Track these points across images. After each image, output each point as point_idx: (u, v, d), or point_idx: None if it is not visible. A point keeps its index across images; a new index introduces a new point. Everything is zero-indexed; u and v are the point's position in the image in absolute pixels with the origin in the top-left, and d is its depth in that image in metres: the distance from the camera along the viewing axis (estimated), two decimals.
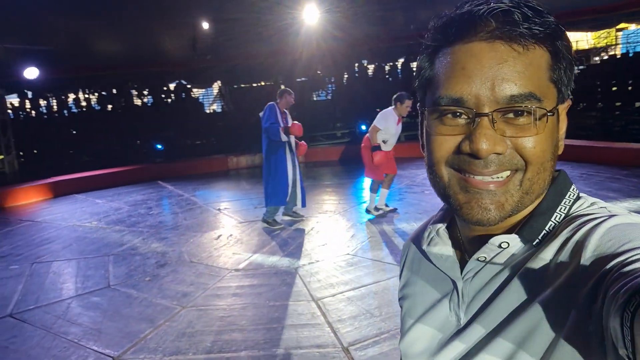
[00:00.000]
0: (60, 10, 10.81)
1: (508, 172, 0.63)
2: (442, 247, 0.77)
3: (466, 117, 0.63)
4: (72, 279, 5.20)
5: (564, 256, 0.60)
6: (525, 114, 0.61)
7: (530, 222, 0.67)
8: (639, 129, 11.09)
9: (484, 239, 0.69)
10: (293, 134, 6.35)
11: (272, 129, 6.19)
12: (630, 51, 17.13)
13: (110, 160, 12.13)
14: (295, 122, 6.40)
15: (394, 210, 6.85)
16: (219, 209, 8.08)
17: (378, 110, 14.71)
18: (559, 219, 0.67)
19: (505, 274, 0.67)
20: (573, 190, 0.70)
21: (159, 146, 12.27)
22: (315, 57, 16.73)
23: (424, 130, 0.70)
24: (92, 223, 7.70)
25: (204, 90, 21.64)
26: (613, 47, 20.51)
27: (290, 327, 3.80)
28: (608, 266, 0.52)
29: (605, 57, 18.51)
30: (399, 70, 18.30)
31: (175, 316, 4.11)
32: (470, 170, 0.63)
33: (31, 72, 10.99)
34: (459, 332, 0.71)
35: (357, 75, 18.26)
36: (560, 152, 0.68)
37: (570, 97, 0.68)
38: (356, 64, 18.48)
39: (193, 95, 18.40)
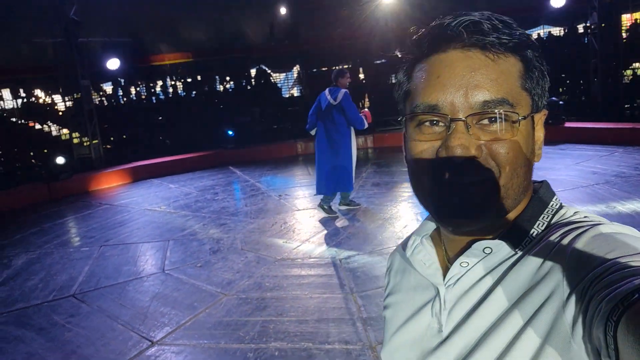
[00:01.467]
0: (145, 1, 11.41)
1: (482, 179, 0.64)
2: (426, 254, 0.78)
3: (442, 123, 0.65)
4: (132, 262, 5.52)
5: (547, 264, 0.61)
6: (499, 120, 0.63)
7: (513, 229, 0.68)
8: None
9: (467, 246, 0.70)
10: (368, 122, 6.49)
11: (359, 118, 6.31)
12: None
13: (189, 145, 12.68)
14: (366, 109, 6.54)
15: None
16: (280, 196, 8.20)
17: None
18: (542, 227, 0.68)
19: (488, 280, 0.68)
20: (555, 200, 0.72)
21: (230, 132, 12.62)
22: (394, 38, 16.42)
23: (404, 140, 0.72)
24: (162, 207, 8.11)
25: (283, 75, 22.01)
26: None
27: (323, 320, 3.80)
28: (592, 274, 0.53)
29: None
30: None
31: (217, 303, 4.25)
32: (450, 176, 0.65)
33: (113, 63, 11.69)
34: (442, 341, 0.71)
35: None
36: (537, 160, 0.70)
37: (546, 107, 0.71)
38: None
39: (273, 80, 18.73)
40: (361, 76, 18.35)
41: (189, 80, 16.99)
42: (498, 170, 0.64)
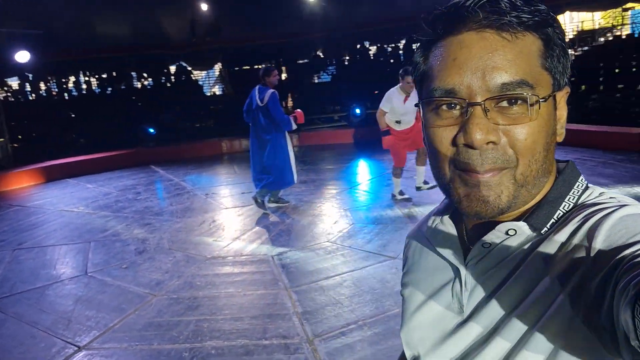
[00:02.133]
0: None
1: (503, 164, 0.63)
2: (446, 235, 0.77)
3: (460, 107, 0.63)
4: (50, 265, 5.19)
5: (572, 246, 0.60)
6: (518, 102, 0.61)
7: (538, 211, 0.67)
8: (639, 113, 10.91)
9: (489, 227, 0.69)
10: (300, 122, 6.45)
11: (286, 120, 6.24)
12: (636, 31, 16.79)
13: (106, 144, 12.10)
14: (298, 110, 6.50)
15: (408, 199, 6.65)
16: (206, 194, 8.04)
17: (376, 92, 14.57)
18: (568, 208, 0.67)
19: (511, 262, 0.66)
20: (582, 180, 0.70)
21: (151, 130, 12.20)
22: (317, 38, 16.55)
23: (422, 125, 0.71)
24: (79, 208, 7.69)
25: (204, 72, 21.55)
26: (619, 27, 20.18)
27: (259, 317, 3.77)
28: (618, 257, 0.52)
29: (610, 38, 18.15)
30: (400, 52, 18.09)
31: (146, 305, 4.10)
32: (468, 167, 0.63)
33: (22, 56, 10.92)
34: (463, 322, 0.70)
35: (358, 57, 18.06)
36: (560, 139, 0.68)
37: (568, 84, 0.68)
38: (357, 45, 18.28)
39: (194, 78, 18.29)
40: (284, 76, 18.39)
41: (104, 76, 16.23)
42: (516, 157, 0.63)
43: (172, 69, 17.97)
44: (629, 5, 21.43)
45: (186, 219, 6.62)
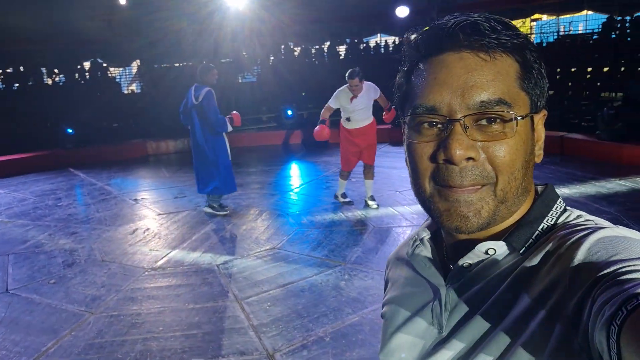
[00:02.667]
0: None
1: (482, 181, 0.64)
2: (426, 255, 0.78)
3: (440, 125, 0.65)
4: None
5: (550, 267, 0.60)
6: (497, 120, 0.63)
7: (517, 231, 0.68)
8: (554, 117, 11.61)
9: (469, 247, 0.69)
10: (236, 125, 6.19)
11: (220, 120, 5.95)
12: (544, 41, 17.96)
13: (15, 145, 11.10)
14: (235, 112, 6.24)
15: (350, 203, 6.56)
16: (136, 200, 7.58)
17: (303, 94, 14.51)
18: (546, 229, 0.68)
19: (491, 282, 0.67)
20: (560, 202, 0.72)
21: (70, 130, 11.36)
22: (241, 37, 16.22)
23: (404, 142, 0.72)
24: None
25: (121, 69, 20.50)
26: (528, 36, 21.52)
27: (211, 332, 3.54)
28: (595, 278, 0.53)
29: None
30: (325, 54, 18.15)
31: (83, 324, 3.73)
32: (448, 183, 0.65)
33: None
34: (441, 342, 0.71)
35: (283, 57, 17.92)
36: (538, 160, 0.71)
37: (545, 107, 0.71)
38: (282, 46, 18.15)
39: (110, 75, 17.33)
40: None
41: (9, 70, 14.97)
42: (495, 174, 0.64)
43: (87, 65, 16.97)
44: (536, 16, 22.98)
45: (117, 226, 6.18)
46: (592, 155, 8.46)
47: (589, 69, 13.41)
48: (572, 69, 13.43)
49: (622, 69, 12.34)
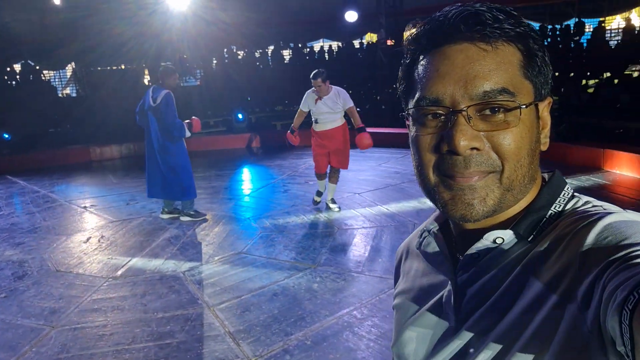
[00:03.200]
0: None
1: (487, 170, 0.64)
2: (435, 247, 0.79)
3: (444, 116, 0.65)
4: None
5: (560, 253, 0.60)
6: (500, 109, 0.63)
7: (524, 219, 0.68)
8: None
9: (477, 237, 0.69)
10: (195, 130, 6.06)
11: (178, 125, 5.75)
12: None
13: None
14: (195, 117, 6.09)
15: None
16: (85, 207, 7.22)
17: (249, 99, 14.40)
18: (553, 216, 0.68)
19: (500, 270, 0.67)
20: (567, 189, 0.71)
21: (6, 135, 10.69)
22: (183, 40, 15.86)
23: (409, 135, 0.72)
24: None
25: (54, 72, 19.58)
26: None
27: (187, 341, 3.41)
28: (605, 263, 0.53)
29: None
30: (269, 58, 18.07)
31: (44, 339, 3.50)
32: (453, 174, 0.65)
33: None
34: (452, 332, 0.71)
35: (226, 61, 17.67)
36: (544, 148, 0.71)
37: (550, 95, 0.70)
38: (225, 50, 17.92)
39: (44, 78, 16.50)
40: (147, 78, 17.39)
41: None
42: (501, 162, 0.64)
43: (17, 67, 16.10)
44: None
45: (68, 235, 5.85)
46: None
47: None
48: None
49: (557, 73, 13.01)
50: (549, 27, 18.53)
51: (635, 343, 0.45)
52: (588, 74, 13.12)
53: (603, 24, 17.50)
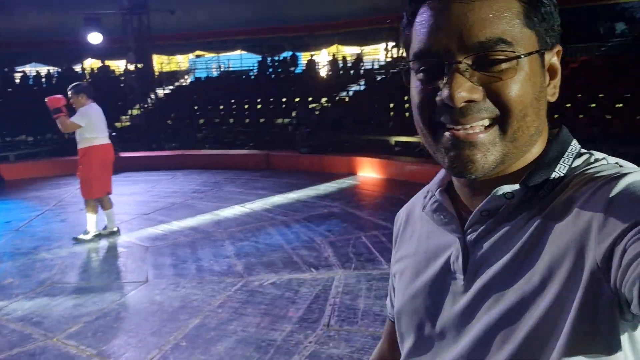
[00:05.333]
0: None
1: (487, 121, 0.63)
2: (441, 206, 0.76)
3: (440, 69, 0.63)
4: None
5: (578, 212, 0.59)
6: (497, 59, 0.61)
7: (534, 174, 0.66)
8: (244, 139, 13.16)
9: (485, 193, 0.67)
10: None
11: None
12: (202, 77, 20.26)
13: None
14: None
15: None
16: None
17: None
18: (564, 170, 0.66)
19: (510, 227, 0.65)
20: (574, 144, 0.69)
21: None
22: None
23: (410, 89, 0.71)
24: None
25: None
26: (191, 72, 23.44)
27: None
28: (626, 227, 0.52)
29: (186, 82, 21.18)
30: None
31: None
32: (451, 121, 0.63)
33: None
34: (462, 290, 0.70)
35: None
36: (553, 99, 0.69)
37: (559, 43, 0.69)
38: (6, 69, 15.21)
39: None
40: None
41: None
42: (502, 113, 0.62)
43: None
44: (198, 52, 24.90)
45: None
46: (297, 167, 10.17)
47: (259, 100, 15.62)
48: (232, 101, 15.55)
49: (297, 99, 14.85)
50: (269, 58, 20.85)
51: None
52: (310, 99, 15.20)
53: (312, 57, 20.54)
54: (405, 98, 12.73)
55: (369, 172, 9.36)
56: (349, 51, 21.19)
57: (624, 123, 8.45)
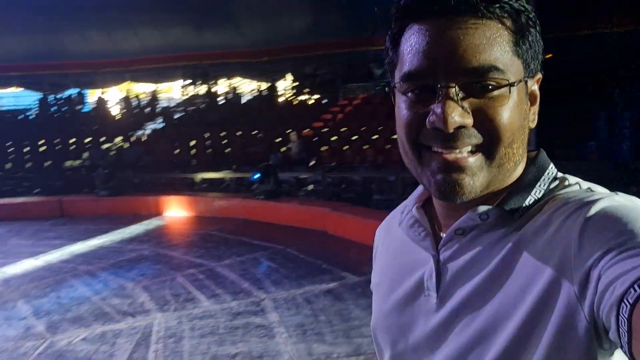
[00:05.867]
0: None
1: (472, 147, 0.63)
2: (417, 223, 0.76)
3: (431, 92, 0.62)
4: None
5: (553, 235, 0.59)
6: (489, 86, 0.61)
7: (510, 196, 0.67)
8: (28, 186, 11.67)
9: (461, 213, 0.68)
10: None
11: None
12: None
13: None
14: None
15: None
16: None
17: None
18: (539, 194, 0.67)
19: (484, 248, 0.66)
20: (551, 168, 0.70)
21: None
22: None
23: (396, 111, 0.70)
24: None
25: None
26: None
27: None
28: (601, 252, 0.52)
29: None
30: None
31: None
32: (441, 146, 0.63)
33: None
34: (433, 308, 0.70)
35: None
36: (532, 125, 0.68)
37: (540, 71, 0.69)
38: None
39: None
40: None
41: None
42: (490, 139, 0.62)
43: None
44: None
45: None
46: (97, 212, 9.39)
47: (43, 141, 14.11)
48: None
49: (88, 139, 13.74)
50: (51, 96, 19.06)
51: (634, 335, 0.46)
52: (103, 138, 14.23)
53: (103, 94, 19.30)
54: (206, 135, 12.91)
55: (176, 210, 9.10)
56: (143, 88, 20.41)
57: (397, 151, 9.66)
